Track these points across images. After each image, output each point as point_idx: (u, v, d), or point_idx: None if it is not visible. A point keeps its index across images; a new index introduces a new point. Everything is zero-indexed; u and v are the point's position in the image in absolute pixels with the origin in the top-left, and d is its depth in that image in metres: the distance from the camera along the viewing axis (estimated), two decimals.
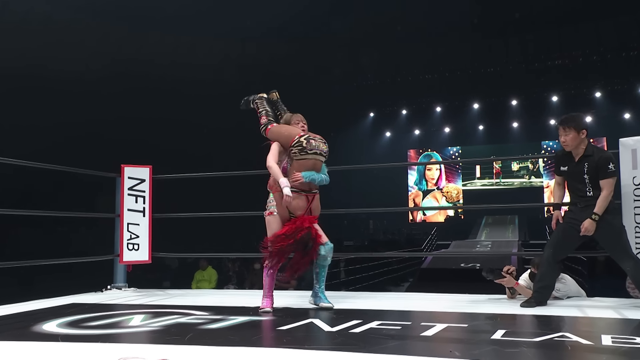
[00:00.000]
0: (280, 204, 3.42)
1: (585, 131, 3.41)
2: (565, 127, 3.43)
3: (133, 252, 4.57)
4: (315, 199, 3.47)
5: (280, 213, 3.45)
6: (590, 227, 3.33)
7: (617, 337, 2.49)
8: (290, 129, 3.56)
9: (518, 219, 20.30)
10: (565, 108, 19.39)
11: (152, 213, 4.72)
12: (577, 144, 3.41)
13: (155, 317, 3.15)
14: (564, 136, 3.43)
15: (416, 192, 23.28)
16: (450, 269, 11.71)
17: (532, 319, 3.15)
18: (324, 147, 3.50)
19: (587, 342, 2.38)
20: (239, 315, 3.20)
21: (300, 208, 3.39)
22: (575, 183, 3.47)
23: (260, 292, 3.61)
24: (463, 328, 2.91)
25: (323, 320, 3.00)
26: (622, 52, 16.82)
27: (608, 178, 3.33)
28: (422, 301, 3.90)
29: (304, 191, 3.41)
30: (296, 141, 3.43)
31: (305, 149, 3.41)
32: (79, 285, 4.47)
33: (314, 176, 3.40)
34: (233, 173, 5.14)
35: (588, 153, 3.41)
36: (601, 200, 3.32)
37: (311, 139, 3.45)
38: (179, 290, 4.89)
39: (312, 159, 3.43)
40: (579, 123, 3.43)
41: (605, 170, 3.33)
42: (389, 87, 18.79)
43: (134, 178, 4.65)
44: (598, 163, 3.34)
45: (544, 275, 3.50)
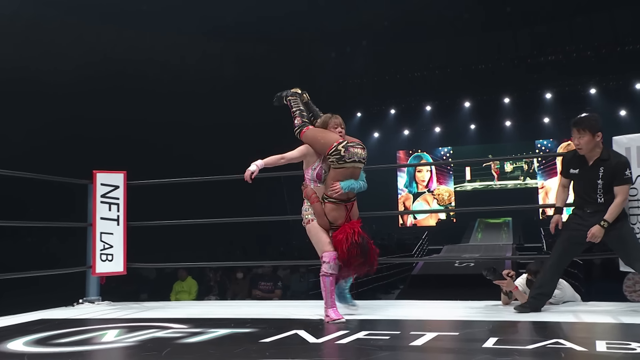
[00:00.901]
0: (321, 215, 3.43)
1: (600, 134, 3.34)
2: (579, 130, 3.35)
3: (106, 263, 4.52)
4: (353, 207, 3.51)
5: (321, 224, 3.45)
6: (598, 234, 3.29)
7: (612, 342, 2.53)
8: (327, 136, 3.50)
9: (512, 222, 20.48)
10: (559, 105, 19.64)
11: (127, 221, 4.68)
12: (592, 147, 3.35)
13: (130, 332, 3.12)
14: (578, 139, 3.35)
15: (406, 195, 23.38)
16: (443, 274, 11.79)
17: (526, 325, 3.19)
18: (362, 153, 3.48)
19: (581, 348, 2.42)
20: (220, 328, 3.19)
21: (341, 217, 3.43)
22: (586, 187, 3.41)
23: (243, 302, 3.59)
24: (454, 336, 2.94)
25: (308, 331, 3.00)
26: (617, 47, 17.09)
27: (624, 185, 3.30)
28: (412, 309, 3.92)
29: (342, 201, 3.43)
30: (334, 149, 3.40)
31: (343, 158, 3.39)
32: (48, 300, 4.41)
33: (353, 185, 3.41)
34: (213, 178, 5.11)
35: (604, 157, 3.35)
36: (614, 207, 3.28)
37: (349, 146, 3.42)
38: (157, 303, 4.86)
39: (351, 167, 3.42)
40: (594, 125, 3.34)
41: (622, 176, 3.29)
42: (377, 86, 18.89)
43: (107, 185, 4.60)
44: (615, 168, 3.30)
45: (544, 283, 3.51)
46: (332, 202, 3.41)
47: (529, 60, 18.12)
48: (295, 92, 3.84)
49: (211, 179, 5.13)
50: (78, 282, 4.70)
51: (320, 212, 3.43)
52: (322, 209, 3.43)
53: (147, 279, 10.06)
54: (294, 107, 3.75)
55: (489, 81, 18.80)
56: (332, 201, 3.41)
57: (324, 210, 3.42)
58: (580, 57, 17.69)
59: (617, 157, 3.37)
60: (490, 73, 18.49)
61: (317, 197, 3.47)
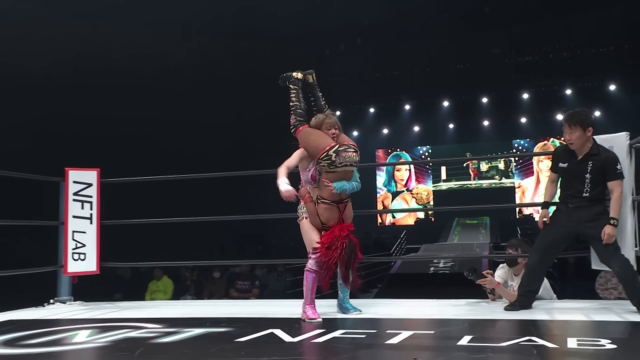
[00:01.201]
0: (314, 215, 3.46)
1: (591, 129, 3.39)
2: (571, 125, 3.39)
3: (79, 263, 4.46)
4: (347, 208, 3.52)
5: (314, 223, 3.48)
6: (612, 233, 3.29)
7: (583, 339, 2.60)
8: (320, 139, 3.50)
9: (490, 221, 20.76)
10: (536, 105, 19.99)
11: (101, 220, 4.62)
12: (583, 142, 3.40)
13: (102, 332, 3.09)
14: (570, 134, 3.40)
15: (385, 194, 23.52)
16: (421, 273, 11.90)
17: (500, 323, 3.25)
18: (354, 156, 3.48)
19: (553, 345, 2.47)
20: (194, 327, 3.17)
21: (333, 219, 3.45)
22: (573, 182, 3.46)
23: (219, 301, 3.58)
24: (430, 335, 2.98)
25: (284, 330, 3.00)
26: (592, 49, 17.44)
27: (618, 179, 3.34)
28: (390, 308, 3.95)
29: (334, 202, 3.45)
30: (325, 154, 3.42)
31: (334, 163, 3.41)
32: (18, 301, 4.34)
33: (345, 186, 3.42)
34: (189, 176, 5.08)
35: (594, 152, 3.39)
36: (615, 202, 3.32)
37: (341, 151, 3.42)
38: (131, 303, 4.81)
39: (342, 171, 3.44)
40: (585, 120, 3.39)
41: (614, 171, 3.34)
42: (356, 85, 18.93)
43: (79, 182, 4.53)
44: (605, 163, 3.35)
45: (530, 281, 3.56)
46: (325, 202, 3.44)
47: (506, 61, 18.36)
48: (297, 78, 3.83)
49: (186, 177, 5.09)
50: (50, 283, 4.62)
51: (313, 211, 3.47)
52: (314, 209, 3.46)
53: (121, 279, 9.94)
54: (292, 99, 3.75)
55: (467, 81, 19.01)
56: (325, 202, 3.44)
57: (316, 210, 3.46)
58: (557, 58, 18.01)
59: (606, 152, 3.41)
60: (468, 73, 18.70)
61: (310, 197, 3.50)
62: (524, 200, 21.69)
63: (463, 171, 23.13)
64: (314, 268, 3.38)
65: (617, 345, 2.47)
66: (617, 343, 2.51)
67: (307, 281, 3.41)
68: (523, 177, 22.38)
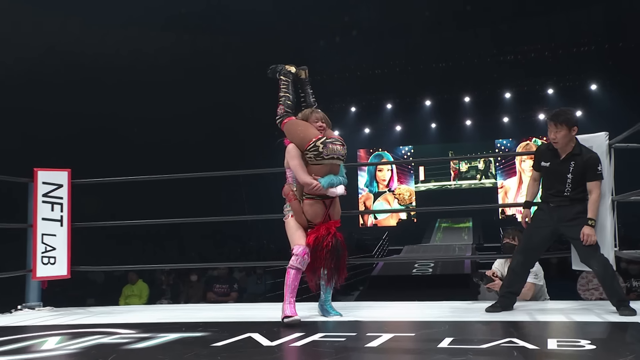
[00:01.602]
0: (299, 213, 3.41)
1: (576, 128, 3.44)
2: (557, 124, 3.42)
3: (49, 267, 4.38)
4: (333, 204, 3.46)
5: (299, 222, 3.43)
6: (590, 233, 3.34)
7: (563, 340, 2.64)
8: (307, 130, 3.47)
9: (472, 222, 20.95)
10: (518, 105, 20.26)
11: (72, 222, 4.55)
12: (567, 141, 3.44)
13: (73, 339, 3.04)
14: (555, 133, 3.43)
15: (367, 195, 23.60)
16: (403, 275, 11.97)
17: (481, 325, 3.28)
18: (341, 149, 3.46)
19: (533, 346, 2.51)
20: (170, 332, 3.14)
21: (318, 215, 3.39)
22: (555, 181, 3.50)
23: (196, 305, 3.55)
24: (411, 337, 2.99)
25: (263, 334, 2.99)
26: (573, 48, 17.74)
27: (597, 180, 3.40)
28: (371, 310, 3.97)
29: (320, 197, 3.39)
30: (312, 145, 3.38)
31: (321, 154, 3.37)
32: None
33: (333, 180, 3.37)
34: (162, 177, 5.02)
35: (576, 152, 3.44)
36: (593, 203, 3.37)
37: (328, 143, 3.40)
38: (104, 308, 4.74)
39: (329, 164, 3.40)
40: (570, 119, 3.43)
41: (595, 171, 3.39)
42: (337, 83, 18.96)
43: (49, 183, 4.46)
44: (587, 163, 3.40)
45: (512, 282, 3.60)
46: (309, 198, 3.39)
47: (488, 59, 18.55)
48: (288, 71, 3.80)
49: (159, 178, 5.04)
50: (19, 288, 4.54)
51: (298, 210, 3.42)
52: (299, 207, 3.42)
53: (94, 283, 9.80)
54: (281, 91, 3.72)
55: (449, 80, 19.17)
56: (310, 197, 3.39)
57: (302, 208, 3.41)
58: (538, 57, 18.26)
59: (589, 153, 3.46)
60: (450, 72, 18.85)
61: (294, 195, 3.45)
62: (506, 201, 21.95)
63: (443, 172, 23.28)
64: (295, 265, 3.35)
65: (597, 345, 2.51)
66: (597, 344, 2.56)
67: (287, 278, 3.37)
68: (505, 177, 22.64)
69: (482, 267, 12.50)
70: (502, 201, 22.01)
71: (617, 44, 16.92)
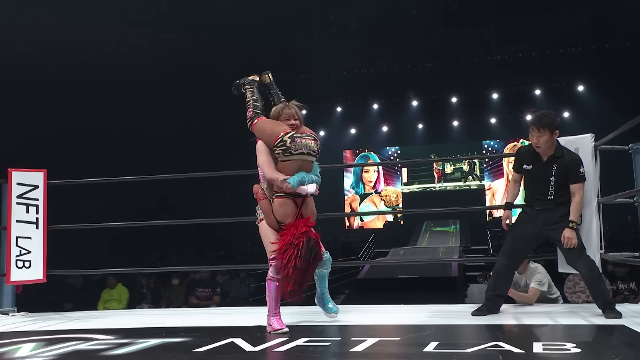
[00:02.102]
0: (268, 214, 3.30)
1: (558, 131, 3.49)
2: (540, 128, 3.46)
3: (23, 270, 4.33)
4: (306, 203, 3.35)
5: (269, 223, 3.32)
6: (571, 236, 3.38)
7: (548, 344, 2.68)
8: (275, 126, 3.39)
9: (459, 224, 21.09)
10: (505, 106, 20.45)
11: (48, 224, 4.50)
12: (550, 145, 3.49)
13: (48, 345, 3.01)
14: (537, 138, 3.47)
15: (353, 196, 23.65)
16: (389, 278, 12.01)
17: (467, 329, 3.31)
18: (312, 144, 3.36)
19: (519, 350, 2.54)
20: (150, 338, 3.13)
21: (289, 216, 3.28)
22: (537, 184, 3.55)
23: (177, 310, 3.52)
24: (396, 341, 3.01)
25: (245, 339, 2.99)
26: (560, 49, 17.97)
27: (579, 182, 3.44)
28: (356, 314, 3.98)
29: (290, 195, 3.29)
30: (279, 140, 3.29)
31: (289, 149, 3.27)
32: None
33: (303, 178, 3.26)
34: (141, 178, 4.99)
35: (557, 154, 3.49)
36: (576, 205, 3.42)
37: (297, 137, 3.30)
38: (82, 313, 4.70)
39: (298, 160, 3.30)
40: (552, 123, 3.47)
41: (577, 174, 3.44)
42: (322, 83, 18.98)
43: (24, 184, 4.41)
44: (569, 165, 3.44)
45: (497, 285, 3.65)
46: (279, 196, 3.29)
47: (475, 59, 18.69)
48: (252, 79, 3.79)
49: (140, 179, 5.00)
50: None
51: (267, 210, 3.32)
52: (269, 206, 3.32)
53: (71, 287, 9.69)
54: (248, 96, 3.69)
55: (436, 80, 19.28)
56: (279, 195, 3.29)
57: (271, 208, 3.32)
58: (526, 57, 18.44)
59: (570, 155, 3.51)
60: (438, 72, 18.96)
61: (264, 193, 3.37)
62: (494, 203, 22.13)
63: (427, 173, 23.36)
64: (275, 276, 3.28)
65: (582, 349, 2.55)
66: (582, 347, 2.60)
67: (269, 290, 3.28)
68: (493, 178, 22.83)
69: (468, 270, 12.62)
70: (490, 203, 22.18)
71: (604, 44, 17.15)
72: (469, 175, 23.08)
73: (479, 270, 10.68)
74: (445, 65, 18.81)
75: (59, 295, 9.01)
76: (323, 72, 18.94)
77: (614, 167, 5.25)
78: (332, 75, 19.06)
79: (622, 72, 16.01)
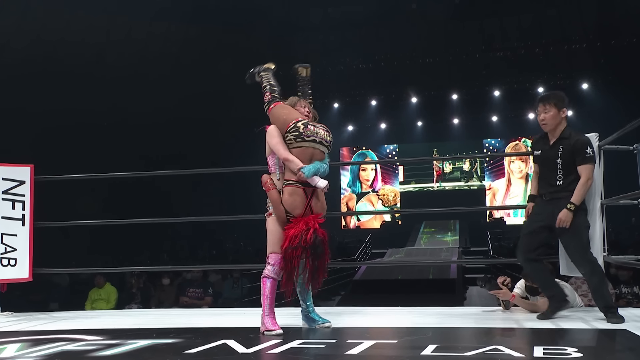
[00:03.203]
0: (277, 204, 3.27)
1: (565, 110, 3.52)
2: (545, 104, 3.52)
3: (8, 269, 4.32)
4: (316, 194, 3.33)
5: (277, 214, 3.28)
6: (565, 218, 3.37)
7: (549, 348, 2.68)
8: (289, 112, 3.45)
9: (459, 224, 21.14)
10: (507, 104, 20.47)
11: (34, 221, 4.49)
12: (557, 123, 3.51)
13: (34, 346, 3.00)
14: (544, 113, 3.52)
15: (349, 195, 23.67)
16: (386, 280, 12.05)
17: (466, 332, 3.32)
18: (325, 135, 3.41)
19: (519, 354, 2.55)
20: (139, 339, 3.13)
21: (298, 207, 3.26)
22: (547, 170, 3.56)
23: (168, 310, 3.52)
24: (393, 344, 3.02)
25: (238, 341, 2.99)
26: (564, 45, 17.99)
27: (586, 164, 3.41)
28: (352, 316, 3.99)
29: (301, 184, 3.27)
30: (292, 126, 3.34)
31: (301, 135, 3.31)
32: None
33: (318, 167, 3.27)
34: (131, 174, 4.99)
35: (565, 135, 3.50)
36: (580, 187, 3.39)
37: (310, 125, 3.37)
38: (69, 313, 4.70)
39: (311, 147, 3.32)
40: (560, 100, 3.52)
41: (583, 154, 3.42)
42: (319, 78, 18.94)
43: (10, 179, 4.39)
44: (574, 146, 3.44)
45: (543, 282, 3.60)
46: (289, 185, 3.28)
47: (477, 55, 18.69)
48: (267, 67, 3.79)
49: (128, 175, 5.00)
50: None
51: (276, 200, 3.28)
52: (278, 197, 3.29)
53: (58, 287, 9.66)
54: (265, 82, 3.69)
55: (437, 76, 19.26)
56: (290, 183, 3.28)
57: (280, 198, 3.29)
58: (529, 54, 18.45)
59: (577, 136, 3.50)
60: (438, 68, 18.95)
61: (273, 183, 3.34)
62: (494, 203, 22.19)
63: (426, 172, 23.37)
64: (271, 275, 3.27)
65: (584, 353, 2.56)
66: (584, 351, 2.61)
67: (264, 289, 3.28)
68: (494, 178, 22.88)
69: (468, 271, 12.66)
70: (490, 203, 22.22)
71: (610, 41, 17.17)
72: (471, 175, 23.08)
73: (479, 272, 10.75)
74: (446, 60, 18.81)
75: (45, 295, 8.99)
76: (320, 66, 18.89)
77: (618, 167, 5.28)
78: (329, 70, 19.01)
79: (628, 70, 16.02)
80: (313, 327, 3.43)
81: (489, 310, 4.06)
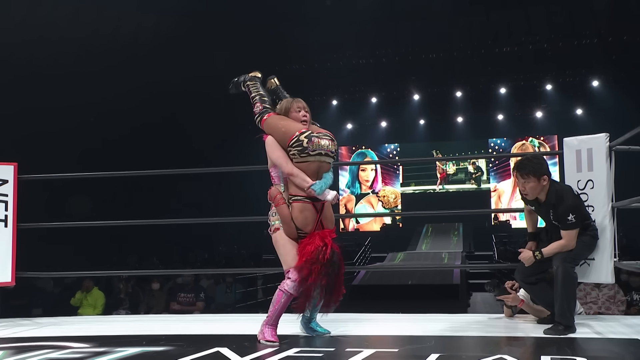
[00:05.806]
0: (288, 222, 3.25)
1: (546, 177, 3.55)
2: (523, 175, 3.56)
3: None
4: (325, 208, 3.33)
5: (287, 231, 3.27)
6: (526, 260, 3.56)
7: (557, 357, 2.70)
8: (289, 124, 3.38)
9: (463, 228, 21.16)
10: (514, 101, 20.49)
11: (18, 222, 4.47)
12: (539, 192, 3.57)
13: (17, 354, 3.01)
14: (523, 184, 3.58)
15: (348, 197, 23.68)
16: (386, 285, 12.06)
17: (470, 340, 3.33)
18: (330, 144, 3.36)
19: None
20: (128, 347, 3.13)
21: (309, 223, 3.25)
22: (545, 220, 3.70)
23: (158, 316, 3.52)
24: (393, 353, 3.02)
25: (232, 349, 2.99)
26: (574, 40, 18.00)
27: (568, 229, 3.50)
28: (351, 324, 3.99)
29: (310, 199, 3.26)
30: (295, 140, 3.28)
31: (306, 150, 3.27)
32: None
33: (328, 182, 3.27)
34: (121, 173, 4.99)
35: (550, 201, 3.57)
36: (555, 246, 3.50)
37: (314, 137, 3.31)
38: (53, 319, 4.68)
39: (316, 162, 3.30)
40: (538, 169, 3.54)
41: (565, 222, 3.50)
42: (317, 74, 18.95)
43: None
44: (558, 214, 3.53)
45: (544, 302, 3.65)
46: (297, 200, 3.26)
47: (482, 51, 18.67)
48: (254, 76, 3.77)
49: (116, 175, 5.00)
50: None
51: (286, 216, 3.26)
52: (289, 213, 3.26)
53: (42, 291, 9.65)
54: (253, 92, 3.66)
55: (440, 72, 19.26)
56: (298, 199, 3.26)
57: (291, 214, 3.28)
58: (537, 49, 18.44)
59: (560, 203, 3.52)
60: (441, 63, 18.95)
61: (283, 198, 3.30)
62: (500, 205, 22.21)
63: (428, 173, 23.37)
64: (290, 291, 3.21)
65: None
66: None
67: (278, 300, 3.22)
68: (499, 180, 22.92)
69: (472, 277, 12.69)
70: (496, 205, 22.24)
71: (622, 37, 17.17)
72: (480, 177, 23.05)
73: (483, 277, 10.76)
74: (450, 56, 18.78)
75: (28, 300, 8.98)
76: (318, 62, 18.89)
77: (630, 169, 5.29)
78: (327, 65, 19.01)
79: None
80: (311, 335, 3.44)
81: (494, 318, 4.06)
